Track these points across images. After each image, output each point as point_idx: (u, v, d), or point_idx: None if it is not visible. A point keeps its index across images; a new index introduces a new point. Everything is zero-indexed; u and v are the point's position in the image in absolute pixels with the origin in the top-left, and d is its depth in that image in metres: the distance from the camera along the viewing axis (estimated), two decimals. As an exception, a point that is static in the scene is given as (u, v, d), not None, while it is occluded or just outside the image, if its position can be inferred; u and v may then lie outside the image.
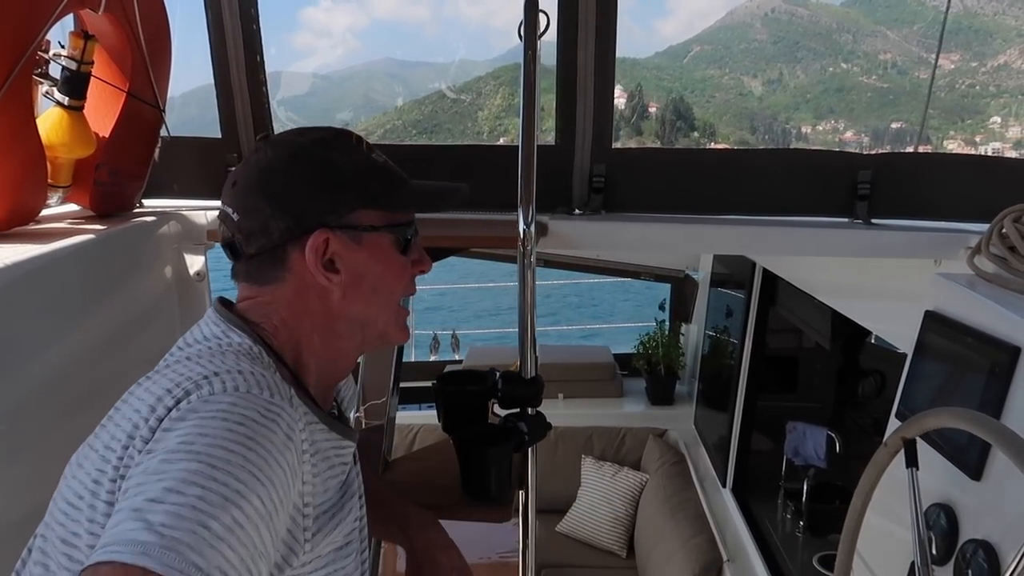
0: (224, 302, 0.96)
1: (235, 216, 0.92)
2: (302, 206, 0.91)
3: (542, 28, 1.55)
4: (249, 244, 0.92)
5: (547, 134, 2.03)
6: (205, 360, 0.82)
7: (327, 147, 0.94)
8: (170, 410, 0.75)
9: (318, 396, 0.96)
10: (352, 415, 1.71)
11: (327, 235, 0.91)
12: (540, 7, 1.54)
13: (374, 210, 0.95)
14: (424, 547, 1.21)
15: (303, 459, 0.80)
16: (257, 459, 0.70)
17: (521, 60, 1.52)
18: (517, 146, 1.52)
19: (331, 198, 0.92)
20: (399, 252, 0.98)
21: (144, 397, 0.78)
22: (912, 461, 1.14)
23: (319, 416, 0.91)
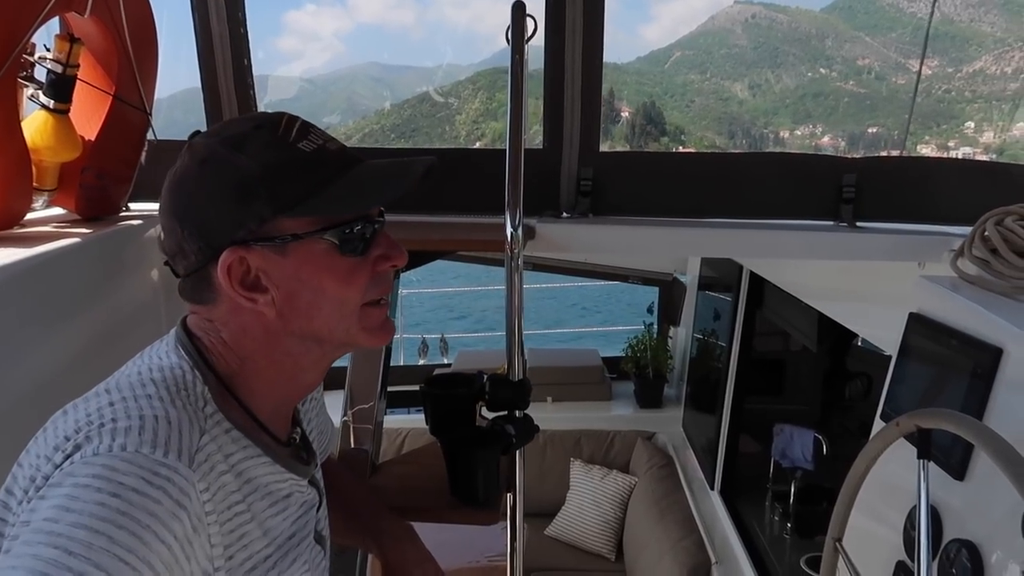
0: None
1: (161, 235, 0.86)
2: (210, 223, 0.81)
3: (529, 32, 1.55)
4: (176, 265, 0.86)
5: (534, 137, 2.04)
6: (124, 392, 0.76)
7: (237, 147, 0.81)
8: (57, 467, 0.69)
9: (273, 420, 0.89)
10: (340, 419, 1.71)
11: (240, 253, 0.80)
12: (528, 11, 1.55)
13: (295, 216, 0.81)
14: (398, 562, 1.19)
15: (207, 521, 0.72)
16: (128, 539, 0.63)
17: (508, 64, 1.52)
18: (504, 149, 1.52)
19: (239, 210, 0.80)
20: (344, 255, 0.84)
21: (51, 437, 0.73)
22: (925, 452, 1.12)
23: (262, 448, 0.84)
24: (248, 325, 0.85)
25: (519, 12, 1.53)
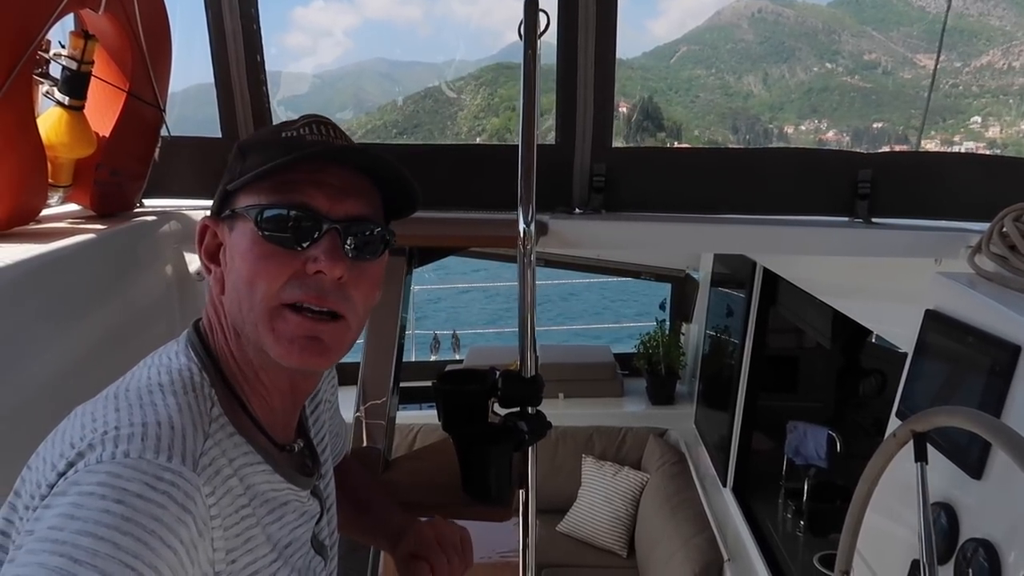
0: None
1: None
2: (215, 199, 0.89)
3: (542, 27, 1.55)
4: None
5: (546, 133, 2.03)
6: (130, 398, 0.76)
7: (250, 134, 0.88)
8: (61, 476, 0.69)
9: (272, 423, 0.88)
10: (352, 415, 1.71)
11: (208, 223, 0.87)
12: (540, 6, 1.54)
13: (241, 192, 0.83)
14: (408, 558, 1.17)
15: (212, 525, 0.72)
16: (133, 544, 0.63)
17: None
18: (517, 145, 1.52)
19: (220, 185, 0.86)
20: (268, 240, 0.80)
21: (58, 443, 0.73)
22: (921, 455, 1.12)
23: (262, 455, 0.82)
24: (213, 302, 0.87)
25: (531, 6, 1.52)
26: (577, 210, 2.02)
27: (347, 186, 0.84)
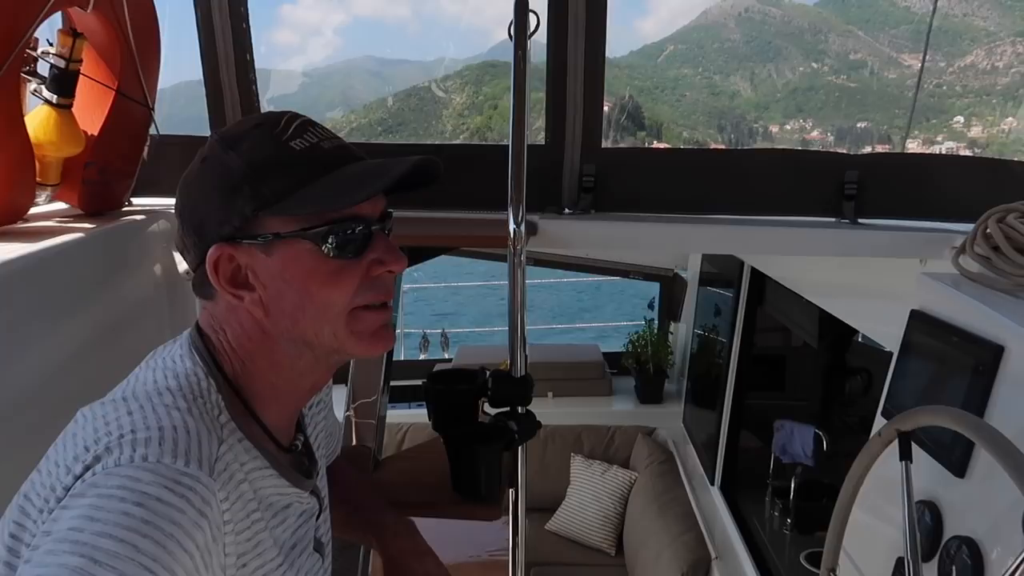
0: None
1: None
2: (202, 220, 0.82)
3: (532, 28, 1.55)
4: (184, 260, 0.88)
5: (536, 134, 2.04)
6: (141, 400, 0.77)
7: (231, 145, 0.82)
8: (77, 478, 0.69)
9: (277, 426, 0.89)
10: (342, 414, 1.72)
11: (226, 250, 0.81)
12: (530, 7, 1.55)
13: (278, 214, 0.80)
14: (398, 555, 1.19)
15: (224, 530, 0.73)
16: (152, 547, 0.64)
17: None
18: (507, 145, 1.52)
19: (225, 207, 0.80)
20: (330, 257, 0.81)
21: (71, 445, 0.73)
22: (906, 454, 1.14)
23: (269, 460, 0.84)
24: (244, 323, 0.85)
25: (521, 7, 1.53)
26: (567, 210, 2.03)
27: None
